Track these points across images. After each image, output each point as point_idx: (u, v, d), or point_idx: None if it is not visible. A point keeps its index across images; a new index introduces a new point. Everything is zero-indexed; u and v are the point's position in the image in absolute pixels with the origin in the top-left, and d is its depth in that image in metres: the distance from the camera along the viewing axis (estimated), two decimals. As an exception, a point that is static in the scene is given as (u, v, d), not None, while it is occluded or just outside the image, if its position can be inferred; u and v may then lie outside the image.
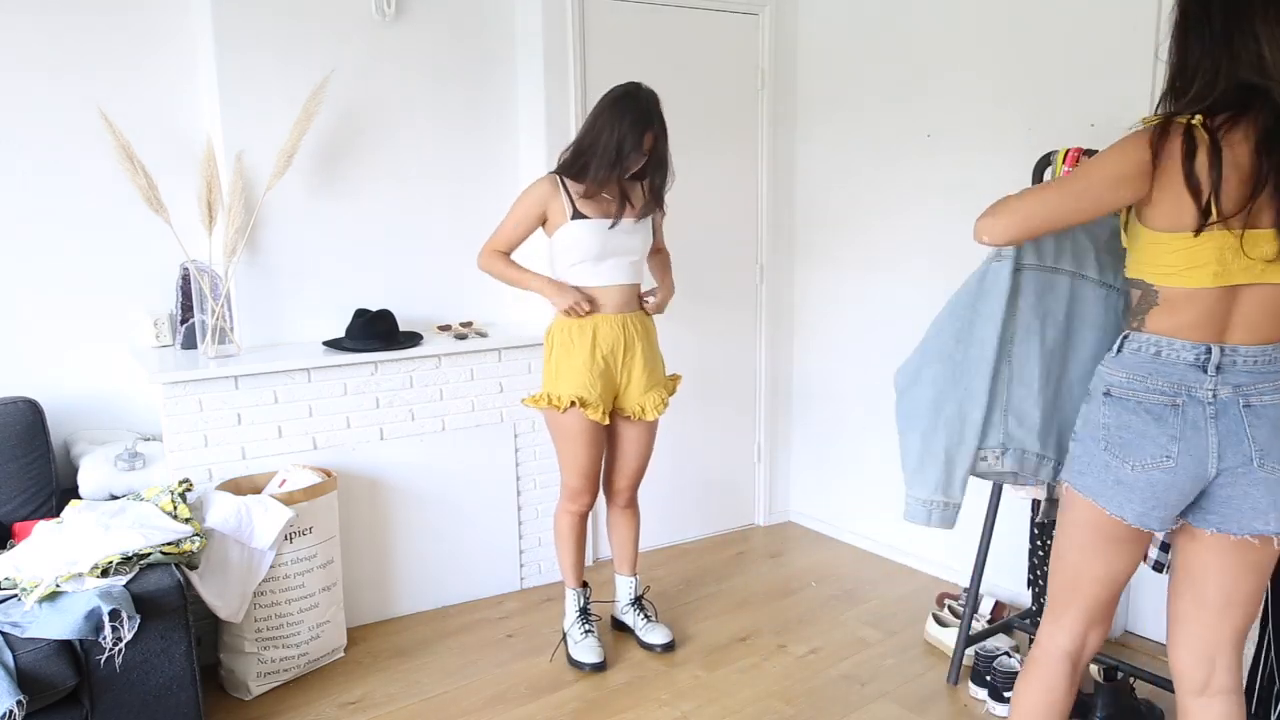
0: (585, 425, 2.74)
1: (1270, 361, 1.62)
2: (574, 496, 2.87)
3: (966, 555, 3.28)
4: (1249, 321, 1.61)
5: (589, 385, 2.71)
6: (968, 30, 3.19)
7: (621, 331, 2.75)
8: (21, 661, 2.07)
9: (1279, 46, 1.54)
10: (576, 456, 2.79)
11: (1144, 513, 1.69)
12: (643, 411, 2.81)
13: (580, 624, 2.93)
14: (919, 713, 2.64)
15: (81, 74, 2.90)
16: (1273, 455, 1.61)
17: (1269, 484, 1.62)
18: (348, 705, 2.70)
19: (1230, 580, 1.70)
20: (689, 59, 3.60)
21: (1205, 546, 1.71)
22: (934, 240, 3.37)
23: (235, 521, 2.62)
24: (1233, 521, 1.66)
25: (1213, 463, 1.63)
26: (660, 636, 2.98)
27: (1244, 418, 1.62)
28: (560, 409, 2.72)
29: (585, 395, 2.71)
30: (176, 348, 3.09)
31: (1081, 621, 1.85)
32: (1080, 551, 1.81)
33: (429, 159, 3.35)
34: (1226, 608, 1.71)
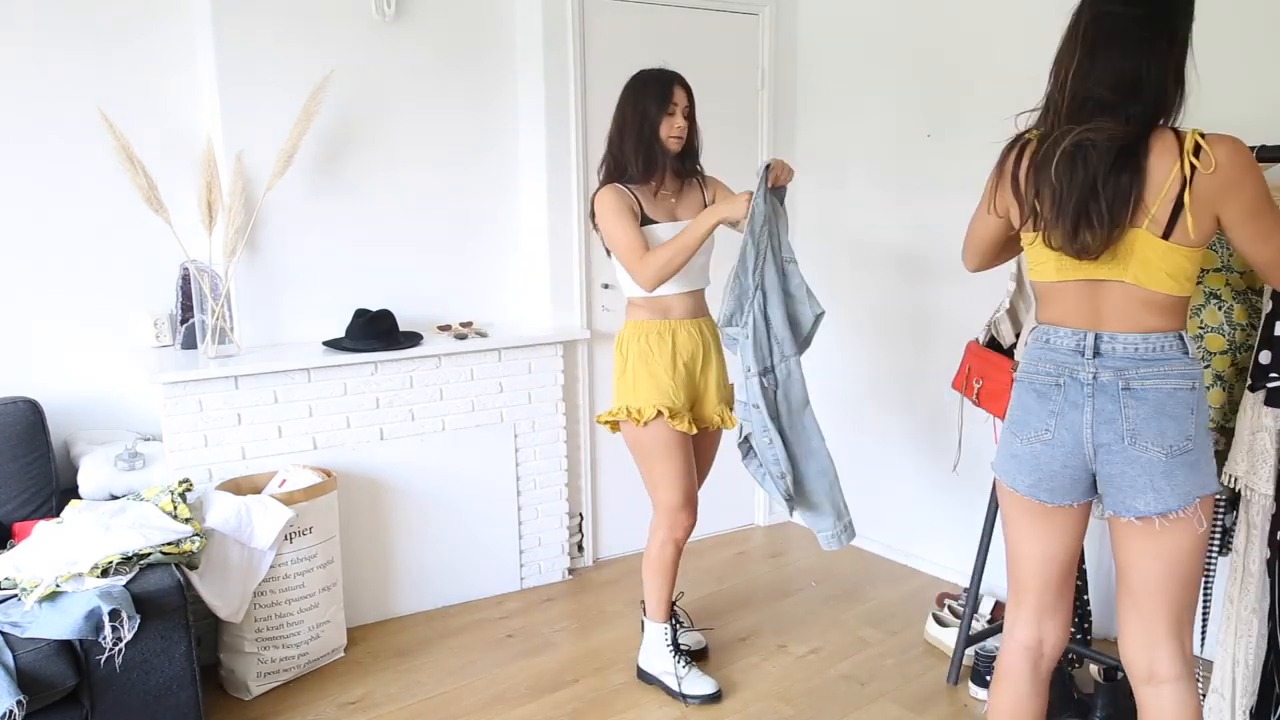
0: (674, 436, 2.56)
1: (1154, 350, 1.70)
2: (676, 519, 2.65)
3: (966, 555, 3.28)
4: (1118, 312, 1.72)
5: (673, 394, 2.55)
6: (968, 30, 3.19)
7: (700, 337, 2.63)
8: (21, 661, 2.07)
9: (1114, 64, 1.67)
10: (670, 472, 2.59)
11: (1033, 484, 1.83)
12: (722, 420, 2.68)
13: (679, 658, 2.73)
14: (919, 713, 2.64)
15: (82, 75, 2.90)
16: (1145, 435, 1.69)
17: (1142, 463, 1.70)
18: (348, 705, 2.70)
19: (1143, 567, 1.76)
20: (689, 59, 3.57)
21: (1118, 534, 1.79)
22: (934, 240, 3.37)
23: (235, 521, 2.62)
24: (1118, 502, 1.74)
25: (1088, 437, 1.74)
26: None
27: (1120, 398, 1.71)
28: (640, 422, 2.54)
29: (671, 404, 2.54)
30: (176, 348, 3.09)
31: (1031, 610, 1.92)
32: (1010, 534, 1.94)
33: (429, 158, 3.35)
34: (1148, 595, 1.77)
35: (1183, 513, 1.69)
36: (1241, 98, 2.58)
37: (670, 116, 2.54)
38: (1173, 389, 1.69)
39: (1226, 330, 2.14)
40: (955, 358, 3.27)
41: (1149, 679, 1.82)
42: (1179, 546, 1.73)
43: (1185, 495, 1.69)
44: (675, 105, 2.54)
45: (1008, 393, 2.45)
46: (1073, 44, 1.73)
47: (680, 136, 2.56)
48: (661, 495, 2.65)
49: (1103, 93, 1.66)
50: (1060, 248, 1.71)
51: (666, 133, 2.54)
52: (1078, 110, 1.69)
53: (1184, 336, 1.71)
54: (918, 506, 3.59)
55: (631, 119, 2.55)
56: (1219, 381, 2.15)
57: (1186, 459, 1.69)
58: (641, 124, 2.54)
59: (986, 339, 2.60)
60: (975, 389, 2.58)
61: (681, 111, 2.55)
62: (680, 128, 2.55)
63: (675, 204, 2.65)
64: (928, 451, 3.51)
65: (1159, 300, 1.68)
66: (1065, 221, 1.68)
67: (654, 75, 2.57)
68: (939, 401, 3.41)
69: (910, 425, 3.57)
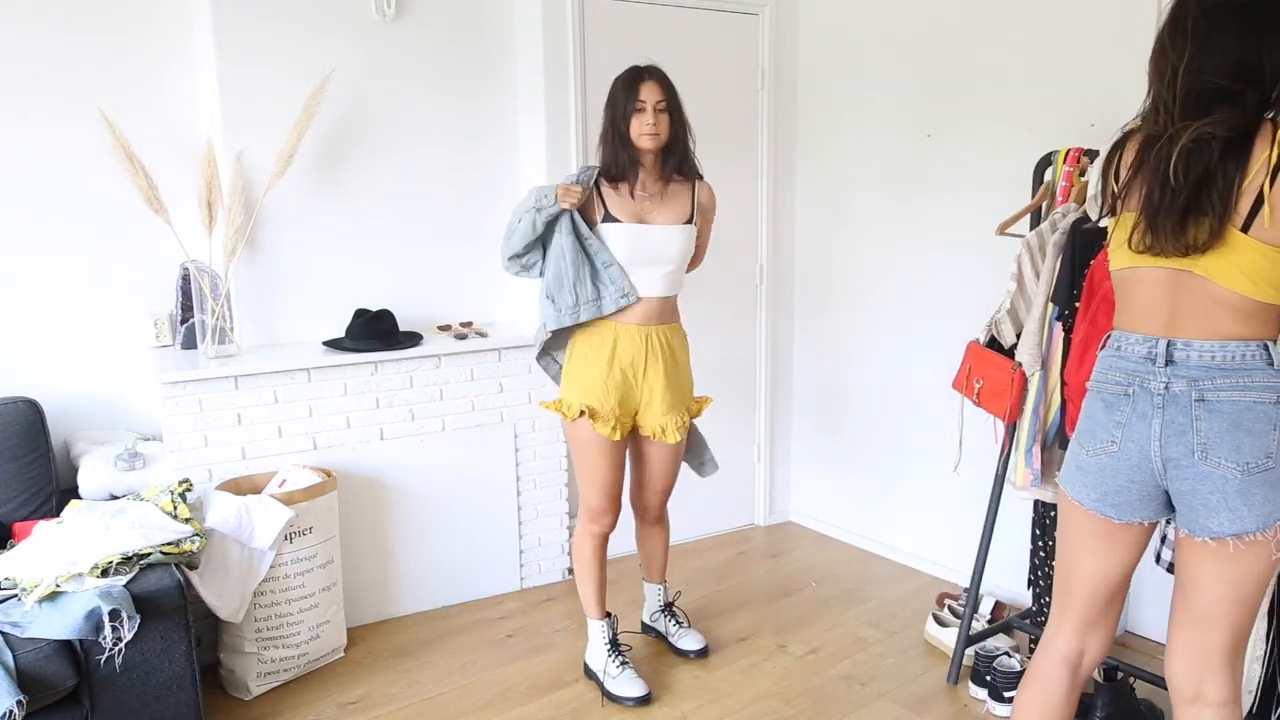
0: (598, 439, 2.58)
1: (1233, 359, 1.61)
2: (594, 516, 2.69)
3: (966, 555, 3.28)
4: (1196, 316, 1.63)
5: (601, 396, 2.56)
6: (968, 30, 3.19)
7: (644, 344, 2.58)
8: (21, 661, 2.07)
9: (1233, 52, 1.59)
10: (592, 471, 2.63)
11: (1098, 498, 1.75)
12: (663, 433, 2.64)
13: (614, 657, 2.74)
14: (919, 713, 2.64)
15: (82, 75, 2.90)
16: (1219, 450, 1.61)
17: (1215, 480, 1.61)
18: (348, 705, 2.70)
19: (1209, 589, 1.68)
20: (689, 59, 3.59)
21: (1187, 551, 1.71)
22: (934, 240, 3.37)
23: (235, 521, 2.62)
24: (1191, 520, 1.67)
25: (1155, 450, 1.66)
26: (693, 643, 2.96)
27: (1193, 409, 1.63)
28: (568, 417, 2.59)
29: (595, 406, 2.56)
30: (176, 348, 3.09)
31: (1076, 623, 1.85)
32: (1067, 546, 1.85)
33: (429, 159, 3.35)
34: (1209, 619, 1.70)
35: (1260, 535, 1.60)
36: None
37: (639, 114, 2.47)
38: (1253, 402, 1.59)
39: None
40: (955, 358, 3.28)
41: (1194, 700, 1.74)
42: (1251, 571, 1.64)
43: (1265, 517, 1.59)
44: (644, 101, 2.46)
45: (1008, 393, 2.47)
46: (1178, 39, 1.63)
47: (652, 134, 2.48)
48: (583, 492, 2.69)
49: (1223, 82, 1.58)
50: (1123, 231, 1.66)
51: (637, 131, 2.49)
52: (1193, 105, 1.60)
53: (1269, 347, 1.60)
54: (917, 506, 3.59)
55: (606, 119, 2.53)
56: None
57: (1266, 478, 1.59)
58: (613, 124, 2.50)
59: (987, 339, 2.60)
60: (975, 389, 2.58)
61: (653, 107, 2.47)
62: (650, 124, 2.46)
63: (654, 206, 2.58)
64: (928, 451, 3.51)
65: (1238, 304, 1.59)
66: (1172, 216, 1.60)
67: (625, 72, 2.53)
68: (939, 401, 3.41)
69: (910, 425, 3.57)
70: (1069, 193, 2.53)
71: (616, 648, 2.77)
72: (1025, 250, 2.49)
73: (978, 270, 3.21)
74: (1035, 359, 2.42)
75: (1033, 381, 2.43)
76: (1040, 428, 2.43)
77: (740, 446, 3.96)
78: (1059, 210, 2.50)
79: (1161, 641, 2.96)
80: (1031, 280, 2.49)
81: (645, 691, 2.68)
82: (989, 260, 3.14)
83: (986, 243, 3.11)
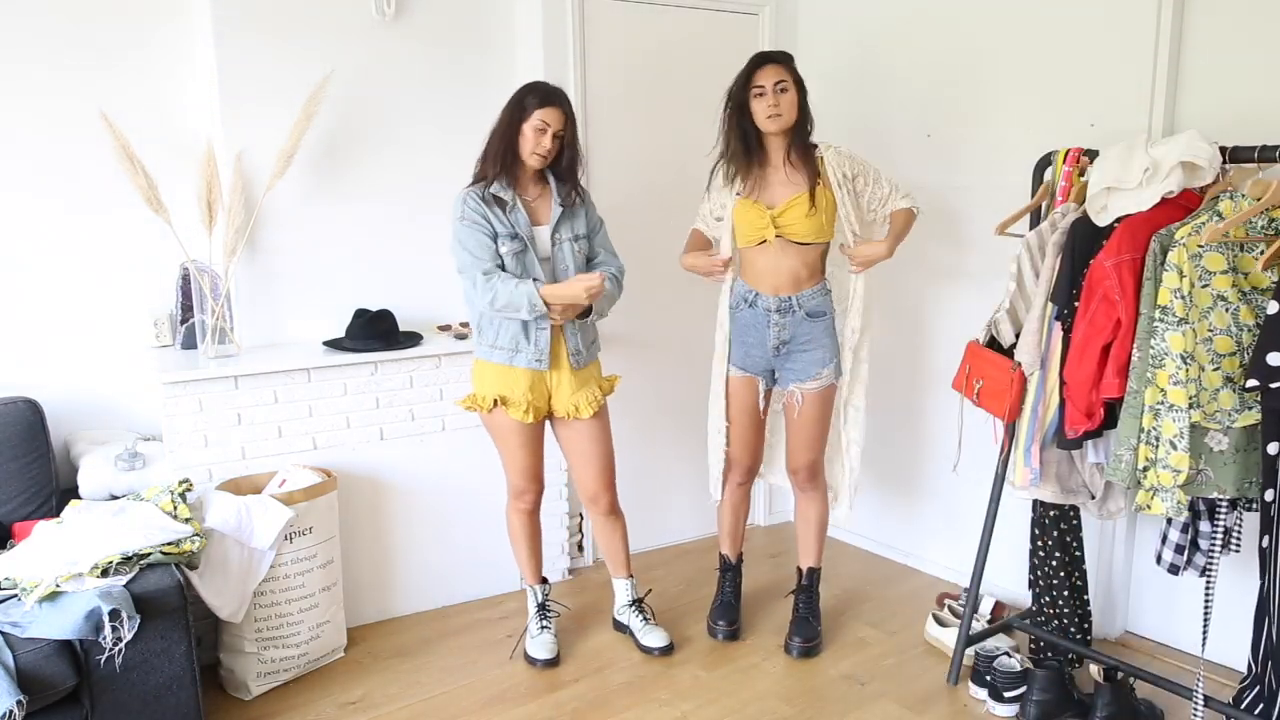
0: (513, 424, 2.75)
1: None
2: (519, 495, 2.91)
3: (966, 555, 3.28)
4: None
5: (513, 381, 2.71)
6: (967, 30, 3.19)
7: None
8: (21, 661, 2.07)
9: None
10: (511, 454, 2.82)
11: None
12: (577, 410, 2.78)
13: (537, 619, 2.97)
14: (919, 713, 2.64)
15: (81, 74, 2.91)
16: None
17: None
18: (348, 705, 2.70)
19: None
20: (689, 59, 3.60)
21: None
22: (934, 240, 3.37)
23: (235, 521, 2.62)
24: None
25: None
26: (658, 640, 2.97)
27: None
28: (485, 409, 2.74)
29: (507, 393, 2.71)
30: (176, 348, 3.09)
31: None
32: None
33: (429, 159, 3.34)
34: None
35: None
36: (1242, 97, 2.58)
37: (540, 134, 2.63)
38: None
39: (1234, 332, 2.14)
40: (955, 357, 3.27)
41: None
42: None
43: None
44: (546, 125, 2.62)
45: (1007, 392, 2.46)
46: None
47: (543, 155, 2.66)
48: (507, 474, 2.90)
49: None
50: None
51: (529, 150, 2.67)
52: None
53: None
54: (918, 506, 3.59)
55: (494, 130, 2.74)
56: (1228, 383, 2.15)
57: None
58: (504, 133, 2.70)
59: (986, 339, 2.60)
60: (975, 389, 2.58)
61: (552, 135, 2.64)
62: (546, 149, 2.65)
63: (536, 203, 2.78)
64: (928, 451, 3.51)
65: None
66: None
67: (535, 86, 2.68)
68: (938, 401, 3.41)
69: (910, 425, 3.57)
70: (1069, 192, 2.53)
71: (545, 612, 2.99)
72: (1025, 250, 2.49)
73: (977, 270, 3.21)
74: (1034, 358, 2.42)
75: (1032, 381, 2.43)
76: (1039, 427, 2.43)
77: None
78: (1058, 210, 2.50)
79: (1162, 642, 2.96)
80: (1031, 280, 2.49)
81: (552, 655, 2.90)
82: (989, 260, 3.14)
83: (986, 242, 3.12)
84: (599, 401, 2.82)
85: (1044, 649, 2.81)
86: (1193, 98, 2.70)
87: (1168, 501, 2.13)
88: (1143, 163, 2.27)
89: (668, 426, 3.73)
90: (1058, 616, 2.78)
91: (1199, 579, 2.45)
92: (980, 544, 2.75)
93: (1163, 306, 2.12)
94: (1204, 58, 2.67)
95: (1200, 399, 2.12)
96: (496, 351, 2.71)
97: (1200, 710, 2.27)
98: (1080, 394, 2.29)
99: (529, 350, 2.69)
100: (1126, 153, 2.33)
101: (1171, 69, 2.69)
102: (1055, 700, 2.53)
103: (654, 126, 3.54)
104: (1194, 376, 2.10)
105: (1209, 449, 2.17)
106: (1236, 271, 2.17)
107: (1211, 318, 2.14)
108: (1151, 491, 2.16)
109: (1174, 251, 2.11)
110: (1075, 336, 2.32)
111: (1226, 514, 2.32)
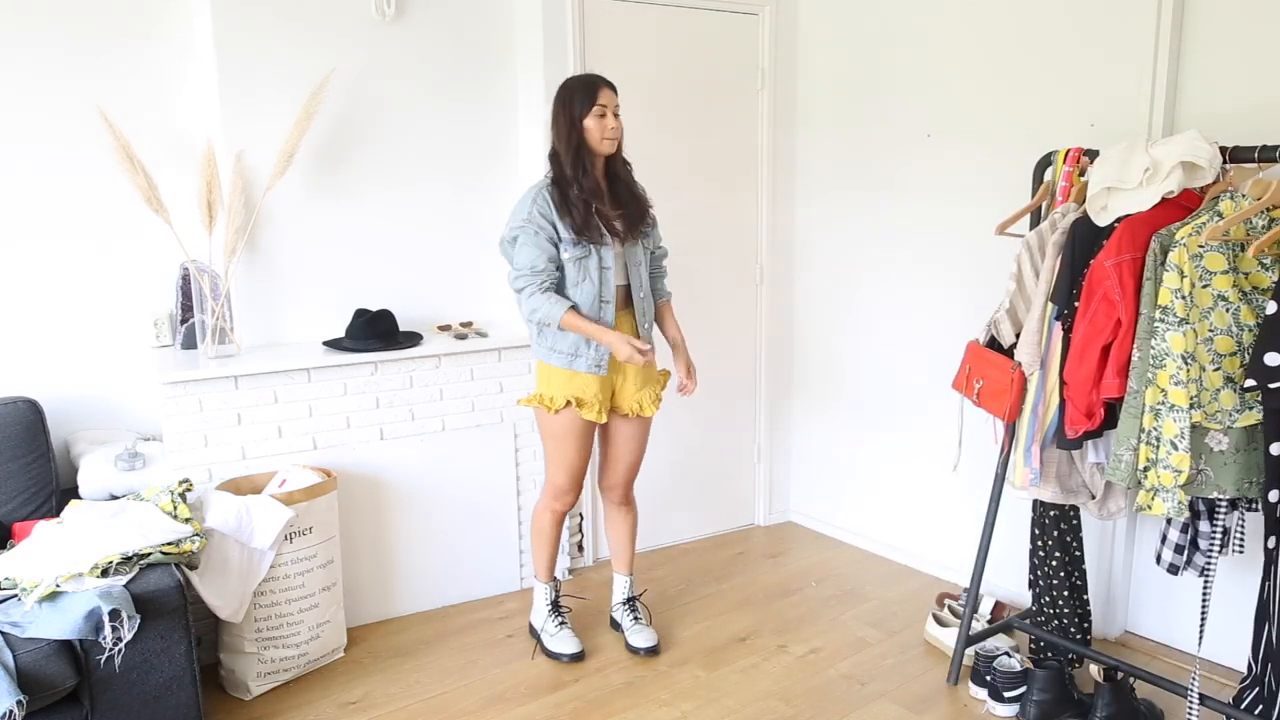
0: (579, 425, 2.74)
1: None
2: (559, 495, 2.88)
3: (966, 555, 3.28)
4: None
5: (584, 384, 2.70)
6: (968, 30, 3.19)
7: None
8: (21, 661, 2.07)
9: None
10: (566, 456, 2.80)
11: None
12: (640, 408, 2.80)
13: (553, 617, 2.98)
14: (919, 713, 2.64)
15: (81, 74, 2.91)
16: None
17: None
18: (348, 705, 2.70)
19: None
20: (689, 59, 3.60)
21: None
22: (934, 240, 3.37)
23: (235, 521, 2.62)
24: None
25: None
26: (644, 640, 2.97)
27: None
28: (553, 410, 2.71)
29: (580, 395, 2.70)
30: (176, 348, 3.09)
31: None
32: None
33: (429, 159, 3.35)
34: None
35: None
36: (1242, 97, 2.58)
37: (594, 116, 2.64)
38: None
39: (1235, 332, 2.14)
40: (955, 358, 3.28)
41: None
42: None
43: None
44: (601, 103, 2.62)
45: (1007, 392, 2.46)
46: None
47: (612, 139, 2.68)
48: (551, 473, 2.86)
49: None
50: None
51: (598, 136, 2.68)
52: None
53: None
54: (918, 506, 3.59)
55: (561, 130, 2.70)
56: (1229, 383, 2.15)
57: None
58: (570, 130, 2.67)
59: (986, 339, 2.60)
60: (975, 389, 2.58)
61: (604, 108, 2.63)
62: (607, 131, 2.66)
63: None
64: (928, 451, 3.51)
65: None
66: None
67: (577, 84, 2.67)
68: (939, 401, 3.41)
69: (910, 425, 3.57)
70: (1069, 192, 2.53)
71: (558, 609, 2.99)
72: (1025, 250, 2.49)
73: (977, 270, 3.22)
74: (1035, 359, 2.42)
75: (1032, 381, 2.43)
76: (1039, 427, 2.43)
77: (740, 446, 3.96)
78: (1059, 210, 2.50)
79: (1162, 642, 2.96)
80: (1031, 280, 2.49)
81: (579, 649, 2.92)
82: (989, 260, 3.14)
83: (986, 242, 3.12)
84: (660, 398, 2.84)
85: (1044, 649, 2.81)
86: (1193, 98, 2.70)
87: (1168, 502, 2.13)
88: (1143, 163, 2.27)
89: (672, 426, 3.73)
90: (1058, 616, 2.78)
91: (1198, 579, 2.45)
92: (980, 544, 2.75)
93: (1163, 306, 2.12)
94: (1204, 58, 2.67)
95: (1201, 399, 2.12)
96: (556, 355, 2.70)
97: (1195, 708, 2.27)
98: (1080, 394, 2.29)
99: (588, 355, 2.69)
100: (1126, 153, 2.33)
101: (1171, 69, 2.69)
102: (1055, 700, 2.53)
103: (654, 126, 3.54)
104: (1195, 377, 2.10)
105: (1209, 449, 2.17)
106: (1237, 271, 2.17)
107: (1212, 318, 2.14)
108: (1152, 492, 2.16)
109: (1174, 251, 2.11)
110: (1075, 336, 2.32)
111: (1226, 514, 2.32)
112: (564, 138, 2.63)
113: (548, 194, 2.63)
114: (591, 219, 2.62)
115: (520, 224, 2.62)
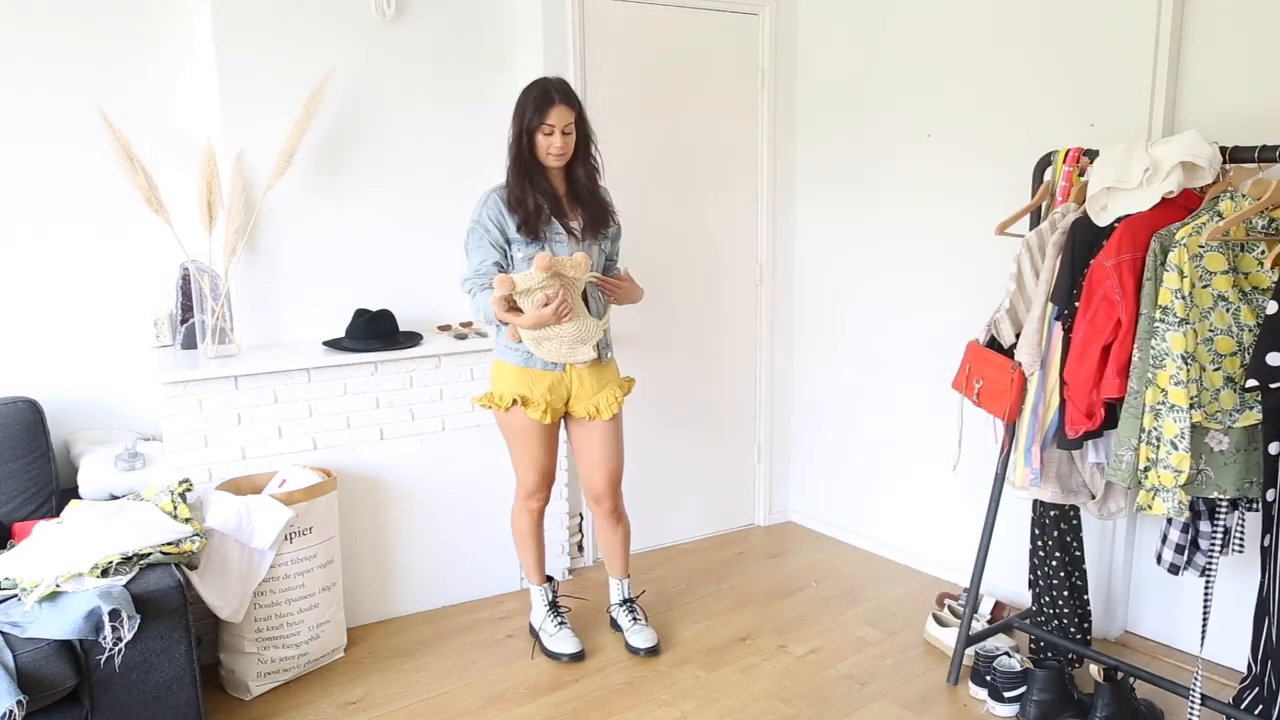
0: (530, 424, 2.75)
1: None
2: (530, 494, 2.89)
3: (966, 555, 3.28)
4: None
5: (532, 382, 2.72)
6: (968, 30, 3.19)
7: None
8: (21, 661, 2.07)
9: None
10: (530, 454, 2.81)
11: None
12: (598, 411, 2.79)
13: (552, 617, 2.98)
14: (919, 713, 2.64)
15: (81, 74, 2.91)
16: None
17: None
18: (348, 705, 2.70)
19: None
20: (689, 59, 3.60)
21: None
22: (934, 240, 3.37)
23: (235, 521, 2.62)
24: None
25: None
26: (644, 640, 2.97)
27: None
28: (503, 408, 2.73)
29: (526, 393, 2.72)
30: (176, 348, 3.09)
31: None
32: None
33: (429, 159, 3.35)
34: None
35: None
36: (1242, 97, 2.58)
37: (543, 135, 2.64)
38: None
39: (1235, 332, 2.14)
40: (955, 357, 3.28)
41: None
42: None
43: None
44: (550, 122, 2.62)
45: (1007, 392, 2.47)
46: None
47: (559, 153, 2.66)
48: (520, 473, 2.88)
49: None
50: None
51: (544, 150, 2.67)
52: None
53: None
54: (918, 506, 3.59)
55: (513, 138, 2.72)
56: (1229, 383, 2.15)
57: None
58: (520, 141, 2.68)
59: (986, 339, 2.60)
60: (975, 389, 2.58)
61: (552, 126, 2.63)
62: (553, 149, 2.65)
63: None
64: (928, 451, 3.51)
65: None
66: None
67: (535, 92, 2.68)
68: (939, 401, 3.41)
69: (910, 425, 3.57)
70: (1069, 192, 2.53)
71: (556, 609, 3.01)
72: (1025, 250, 2.49)
73: (977, 270, 3.22)
74: (1035, 359, 2.42)
75: (1032, 381, 2.43)
76: (1039, 427, 2.43)
77: (740, 446, 3.96)
78: (1059, 210, 2.50)
79: (1162, 642, 2.96)
80: (1031, 280, 2.49)
81: (578, 648, 2.92)
82: (989, 260, 3.14)
83: (986, 242, 3.12)
84: (619, 403, 2.83)
85: (1044, 649, 2.81)
86: (1193, 98, 2.70)
87: (1169, 502, 2.13)
88: (1143, 163, 2.27)
89: (672, 427, 3.73)
90: (1058, 616, 2.78)
91: (1199, 579, 2.45)
92: (980, 544, 2.75)
93: (1163, 307, 2.12)
94: (1204, 58, 2.67)
95: (1201, 399, 2.12)
96: (511, 352, 2.72)
97: (1197, 708, 2.27)
98: (1081, 394, 2.29)
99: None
100: (1126, 153, 2.33)
101: (1171, 69, 2.69)
102: (1055, 700, 2.53)
103: (654, 126, 3.54)
104: (1195, 377, 2.10)
105: (1209, 449, 2.17)
106: (1237, 271, 2.17)
107: (1212, 318, 2.14)
108: (1152, 492, 2.16)
109: (1174, 252, 2.11)
110: (1075, 337, 2.32)
111: (1226, 514, 2.32)
112: (514, 141, 2.67)
113: (498, 195, 2.67)
114: (541, 217, 2.64)
115: (470, 226, 2.68)
